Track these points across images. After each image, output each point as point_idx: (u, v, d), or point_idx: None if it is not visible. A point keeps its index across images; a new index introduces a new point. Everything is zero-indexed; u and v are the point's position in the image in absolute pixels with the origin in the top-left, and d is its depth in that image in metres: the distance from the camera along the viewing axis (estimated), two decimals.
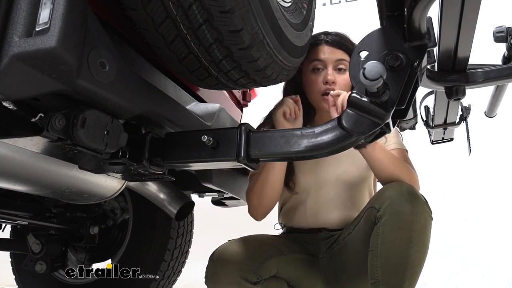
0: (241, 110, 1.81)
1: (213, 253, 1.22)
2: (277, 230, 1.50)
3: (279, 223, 1.50)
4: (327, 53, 1.30)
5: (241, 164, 0.82)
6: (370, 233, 1.12)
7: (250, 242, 1.25)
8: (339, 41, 1.32)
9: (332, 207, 1.35)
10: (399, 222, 1.06)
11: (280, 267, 1.23)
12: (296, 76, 1.35)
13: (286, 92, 1.42)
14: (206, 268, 1.20)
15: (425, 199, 1.12)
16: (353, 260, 1.23)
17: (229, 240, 1.26)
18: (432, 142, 1.64)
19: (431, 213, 1.12)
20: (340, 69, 1.30)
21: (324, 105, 1.30)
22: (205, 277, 1.20)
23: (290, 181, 1.38)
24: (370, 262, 1.09)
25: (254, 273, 1.16)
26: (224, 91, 1.58)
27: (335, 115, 1.12)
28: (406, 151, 1.32)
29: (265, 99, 1.47)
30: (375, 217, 1.11)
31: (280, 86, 1.43)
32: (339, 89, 1.28)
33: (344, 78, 1.30)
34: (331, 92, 1.17)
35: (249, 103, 1.85)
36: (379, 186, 1.30)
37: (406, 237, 1.05)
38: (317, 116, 1.41)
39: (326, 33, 1.35)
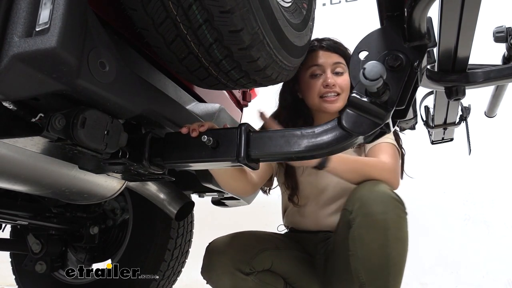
0: (241, 110, 1.81)
1: (209, 244, 1.25)
2: (280, 232, 1.50)
3: (283, 224, 1.52)
4: (324, 57, 1.32)
5: (241, 164, 0.82)
6: (348, 236, 1.11)
7: (246, 235, 1.28)
8: (334, 45, 1.34)
9: (332, 211, 1.36)
10: (372, 223, 1.06)
11: (275, 261, 1.25)
12: (292, 84, 1.36)
13: (283, 98, 1.42)
14: (203, 258, 1.23)
15: (396, 195, 1.11)
16: (339, 262, 1.23)
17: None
18: (432, 142, 1.64)
19: (405, 208, 1.10)
20: (337, 72, 1.32)
21: (324, 106, 1.31)
22: (201, 267, 1.23)
23: (294, 196, 1.39)
24: (353, 266, 1.09)
25: (247, 264, 1.18)
26: (224, 91, 1.58)
27: None
28: (393, 144, 1.28)
29: (265, 99, 1.46)
30: (349, 220, 1.11)
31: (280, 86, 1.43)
32: (340, 91, 1.30)
33: (343, 79, 1.31)
34: None
35: (249, 103, 1.85)
36: None
37: (382, 237, 1.04)
38: (315, 121, 1.42)
39: (318, 40, 1.37)
